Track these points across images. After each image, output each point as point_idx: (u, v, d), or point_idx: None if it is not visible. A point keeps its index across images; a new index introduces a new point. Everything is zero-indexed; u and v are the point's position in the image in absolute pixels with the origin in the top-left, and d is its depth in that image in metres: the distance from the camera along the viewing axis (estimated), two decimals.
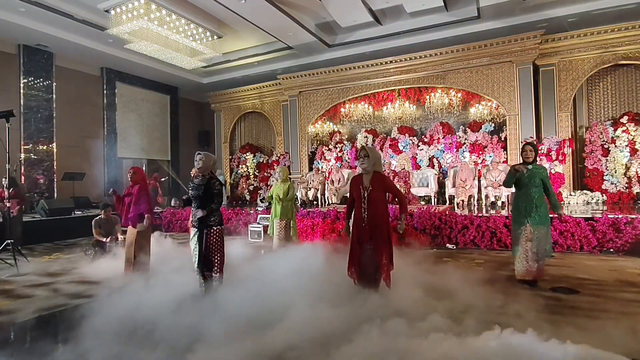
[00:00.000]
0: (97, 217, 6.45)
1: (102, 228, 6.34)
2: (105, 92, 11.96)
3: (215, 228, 3.87)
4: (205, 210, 3.74)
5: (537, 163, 4.40)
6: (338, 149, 12.26)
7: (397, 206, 3.70)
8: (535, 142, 9.13)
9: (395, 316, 3.02)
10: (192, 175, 4.97)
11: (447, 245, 6.74)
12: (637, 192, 8.81)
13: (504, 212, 7.37)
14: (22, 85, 9.93)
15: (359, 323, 2.93)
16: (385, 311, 3.12)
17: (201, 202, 3.80)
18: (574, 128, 9.93)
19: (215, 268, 3.88)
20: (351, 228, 3.76)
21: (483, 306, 3.45)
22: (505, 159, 9.76)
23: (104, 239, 6.26)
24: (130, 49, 9.94)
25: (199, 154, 3.91)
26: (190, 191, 3.95)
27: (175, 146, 14.51)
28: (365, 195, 3.55)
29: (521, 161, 4.41)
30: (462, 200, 9.09)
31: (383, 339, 2.69)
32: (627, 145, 8.97)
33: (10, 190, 6.75)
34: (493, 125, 10.45)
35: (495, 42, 9.56)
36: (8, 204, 6.69)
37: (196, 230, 3.86)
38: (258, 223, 8.08)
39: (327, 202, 10.72)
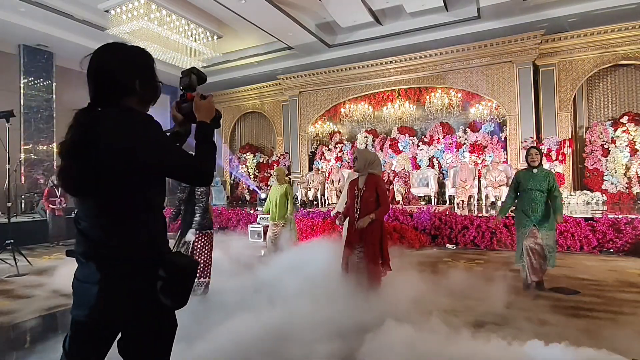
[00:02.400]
0: None
1: None
2: None
3: (204, 232, 3.82)
4: (194, 231, 3.71)
5: (543, 167, 4.24)
6: (338, 149, 12.27)
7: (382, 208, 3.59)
8: (535, 142, 9.21)
9: (395, 317, 3.02)
10: None
11: (447, 245, 6.74)
12: (637, 192, 8.81)
13: None
14: (22, 85, 9.93)
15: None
16: (380, 311, 3.12)
17: (186, 206, 3.80)
18: (574, 128, 9.92)
19: (205, 274, 3.84)
20: (345, 229, 3.77)
21: (482, 307, 3.45)
22: (505, 159, 9.76)
23: None
24: None
25: None
26: (178, 194, 3.92)
27: None
28: (359, 196, 3.54)
29: (526, 165, 4.24)
30: (462, 201, 9.09)
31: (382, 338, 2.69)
32: (627, 146, 8.97)
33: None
34: (493, 125, 10.45)
35: (495, 42, 9.55)
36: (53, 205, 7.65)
37: (180, 232, 3.85)
38: (258, 223, 8.07)
39: (327, 202, 10.73)
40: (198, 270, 3.75)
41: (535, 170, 4.13)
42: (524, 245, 4.07)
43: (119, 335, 1.30)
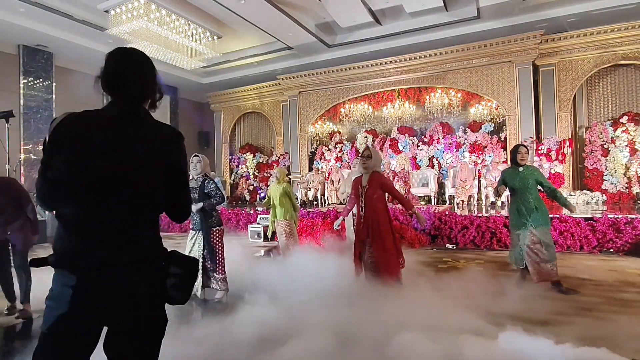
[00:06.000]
0: None
1: None
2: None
3: (215, 229, 3.88)
4: (203, 202, 3.75)
5: (530, 164, 4.22)
6: (338, 149, 12.26)
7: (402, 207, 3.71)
8: (535, 142, 9.21)
9: (397, 316, 3.02)
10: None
11: (447, 245, 6.74)
12: (636, 192, 8.81)
13: (503, 212, 7.37)
14: (22, 85, 9.92)
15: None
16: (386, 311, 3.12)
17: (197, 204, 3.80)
18: (574, 128, 9.93)
19: (219, 271, 3.88)
20: (354, 227, 3.85)
21: (483, 307, 3.44)
22: (505, 159, 9.76)
23: None
24: None
25: (196, 156, 3.91)
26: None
27: None
28: (363, 193, 3.61)
29: (514, 163, 4.18)
30: (462, 201, 9.09)
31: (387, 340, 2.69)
32: (626, 145, 8.97)
33: None
34: (493, 125, 10.45)
35: (495, 42, 9.56)
36: None
37: (194, 232, 3.87)
38: (258, 223, 8.08)
39: (327, 202, 10.73)
40: (215, 265, 3.88)
41: (521, 169, 4.10)
42: (524, 249, 4.01)
43: (104, 336, 1.28)
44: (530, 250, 3.99)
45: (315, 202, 10.90)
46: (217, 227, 3.91)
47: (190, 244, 3.87)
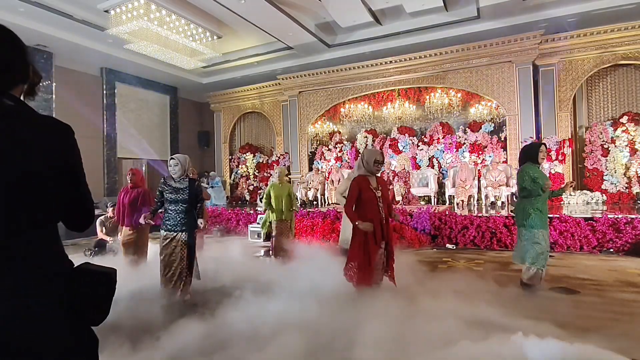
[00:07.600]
0: (102, 216, 6.45)
1: (107, 227, 6.35)
2: (104, 92, 11.94)
3: (194, 230, 3.88)
4: (201, 220, 3.82)
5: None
6: (338, 149, 12.26)
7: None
8: (535, 143, 9.20)
9: (398, 317, 3.02)
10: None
11: (447, 245, 6.74)
12: (636, 192, 8.81)
13: (503, 212, 7.37)
14: None
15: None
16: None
17: (189, 205, 3.76)
18: (574, 128, 9.93)
19: (195, 271, 3.89)
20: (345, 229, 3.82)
21: (483, 307, 3.44)
22: (505, 159, 9.77)
23: (108, 239, 6.26)
24: (130, 49, 9.94)
25: (172, 159, 3.81)
26: (168, 194, 3.79)
27: (175, 146, 14.49)
28: (379, 196, 3.57)
29: (534, 162, 4.01)
30: (462, 201, 9.09)
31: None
32: (626, 145, 8.97)
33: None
34: (493, 125, 10.46)
35: (495, 42, 9.56)
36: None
37: (178, 234, 3.75)
38: (258, 223, 8.07)
39: (327, 202, 10.73)
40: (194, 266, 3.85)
41: (539, 168, 4.07)
42: (546, 250, 3.95)
43: None
44: (545, 254, 3.97)
45: (315, 202, 10.90)
46: (196, 229, 3.90)
47: (170, 249, 3.76)
